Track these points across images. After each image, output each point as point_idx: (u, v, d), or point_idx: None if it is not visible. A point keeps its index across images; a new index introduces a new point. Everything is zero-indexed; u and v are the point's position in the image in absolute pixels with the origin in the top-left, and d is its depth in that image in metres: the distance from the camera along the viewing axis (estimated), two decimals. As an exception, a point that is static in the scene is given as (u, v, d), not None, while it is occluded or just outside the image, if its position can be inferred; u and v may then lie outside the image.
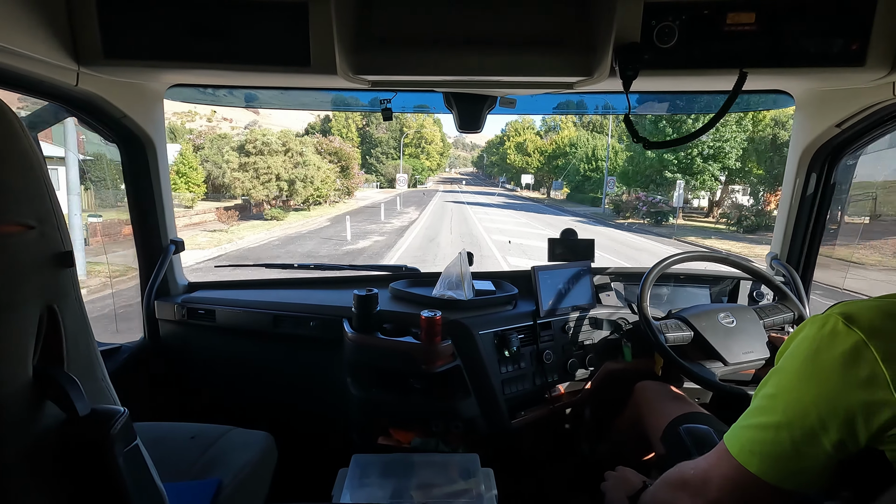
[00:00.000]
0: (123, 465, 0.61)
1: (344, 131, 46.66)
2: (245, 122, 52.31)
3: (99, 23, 1.07)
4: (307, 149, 21.88)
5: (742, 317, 1.47)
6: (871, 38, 1.00)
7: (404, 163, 52.57)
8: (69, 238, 0.65)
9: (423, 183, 56.90)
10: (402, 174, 45.90)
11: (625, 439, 1.49)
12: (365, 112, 29.61)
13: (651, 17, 1.02)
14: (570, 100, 1.81)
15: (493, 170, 76.57)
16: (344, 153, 26.44)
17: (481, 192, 52.37)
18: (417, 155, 57.28)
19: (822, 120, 1.44)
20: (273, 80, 1.38)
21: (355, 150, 36.04)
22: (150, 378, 1.74)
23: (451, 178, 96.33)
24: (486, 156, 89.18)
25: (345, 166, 26.31)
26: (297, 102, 1.73)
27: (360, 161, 44.97)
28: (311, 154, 21.89)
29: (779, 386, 0.65)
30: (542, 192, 47.35)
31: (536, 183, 47.56)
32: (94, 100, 1.31)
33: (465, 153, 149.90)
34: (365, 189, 39.01)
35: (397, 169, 48.66)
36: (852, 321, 0.58)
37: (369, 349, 1.47)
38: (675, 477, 0.79)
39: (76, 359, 0.64)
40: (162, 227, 1.68)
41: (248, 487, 1.17)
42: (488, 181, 79.62)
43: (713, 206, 24.02)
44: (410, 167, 52.21)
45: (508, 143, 50.21)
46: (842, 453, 0.59)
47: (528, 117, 57.38)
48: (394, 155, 52.16)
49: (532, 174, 46.61)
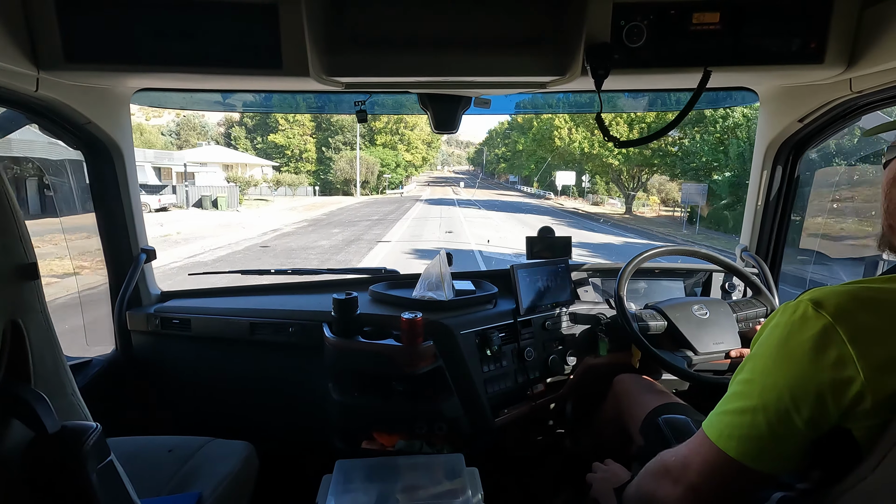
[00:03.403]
0: (97, 482, 0.59)
1: (290, 116, 38.18)
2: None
3: (59, 25, 1.03)
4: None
5: (716, 310, 1.52)
6: (829, 38, 1.05)
7: (368, 156, 37.94)
8: (33, 249, 0.63)
9: (397, 185, 41.43)
10: (394, 177, 36.92)
11: (606, 432, 1.52)
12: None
13: (620, 17, 1.04)
14: (540, 99, 1.83)
15: (496, 167, 62.06)
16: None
17: (494, 200, 33.09)
18: (394, 145, 41.53)
19: (785, 115, 1.50)
20: (244, 84, 1.35)
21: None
22: (124, 391, 1.69)
23: (444, 177, 78.25)
24: (486, 150, 72.89)
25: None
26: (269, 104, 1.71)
27: (315, 153, 38.61)
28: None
29: (753, 371, 0.67)
30: (588, 200, 31.57)
31: (577, 186, 31.13)
32: (55, 106, 1.26)
33: (460, 150, 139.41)
34: (273, 198, 30.41)
35: (352, 165, 35.74)
36: (821, 306, 0.61)
37: (350, 353, 1.45)
38: (657, 465, 0.81)
39: (43, 374, 0.61)
40: (132, 236, 1.63)
41: (229, 499, 1.15)
42: (491, 181, 65.24)
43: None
44: (377, 161, 38.15)
45: (538, 124, 29.00)
46: (815, 431, 0.61)
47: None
48: (362, 145, 38.92)
49: (573, 171, 29.35)
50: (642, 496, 0.83)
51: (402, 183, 43.72)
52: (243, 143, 44.03)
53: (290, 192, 34.14)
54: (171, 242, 12.61)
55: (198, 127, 49.14)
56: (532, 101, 1.87)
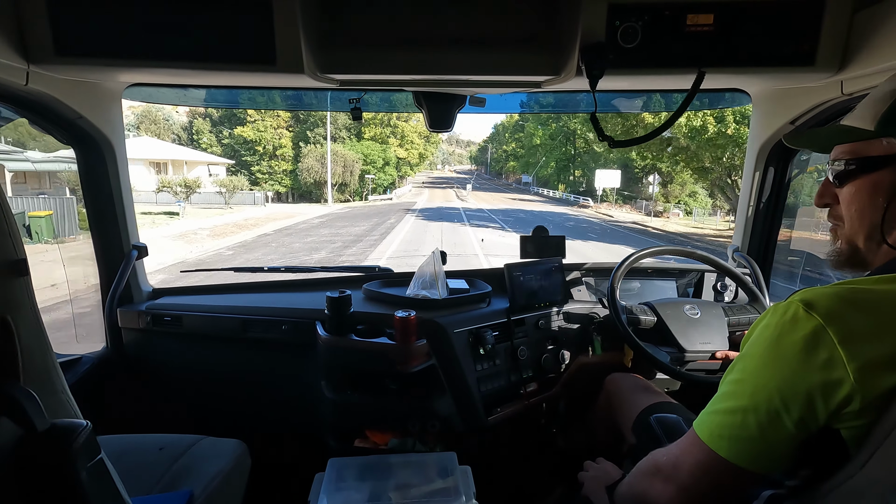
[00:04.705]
0: (87, 480, 0.58)
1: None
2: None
3: (49, 19, 1.02)
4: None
5: (708, 311, 1.54)
6: (820, 41, 1.06)
7: (348, 151, 30.82)
8: (22, 245, 0.62)
9: (384, 189, 33.94)
10: (381, 178, 28.59)
11: (598, 431, 1.52)
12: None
13: (615, 17, 1.05)
14: (537, 99, 1.83)
15: (504, 165, 53.56)
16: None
17: (517, 210, 25.06)
18: (385, 138, 34.97)
19: (777, 117, 1.51)
20: (237, 80, 1.34)
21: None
22: (114, 389, 1.68)
23: (445, 177, 67.03)
24: (492, 146, 63.45)
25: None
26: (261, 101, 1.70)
27: (293, 149, 32.06)
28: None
29: (744, 371, 0.67)
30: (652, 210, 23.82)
31: (630, 192, 23.33)
32: (45, 100, 1.25)
33: (461, 150, 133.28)
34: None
35: (322, 162, 28.80)
36: (812, 307, 0.61)
37: (343, 351, 1.45)
38: (649, 465, 0.81)
39: (32, 372, 0.61)
40: (123, 232, 1.61)
41: (221, 497, 1.15)
42: (497, 181, 57.43)
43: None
44: (359, 158, 30.53)
45: (565, 117, 23.26)
46: (803, 432, 0.62)
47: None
48: (347, 139, 32.48)
49: (617, 170, 23.22)
50: (634, 495, 0.84)
51: (395, 184, 36.59)
52: (207, 139, 35.86)
53: (226, 200, 24.78)
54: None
55: (160, 120, 40.02)
56: (527, 101, 1.87)
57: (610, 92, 1.58)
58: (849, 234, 0.72)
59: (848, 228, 0.72)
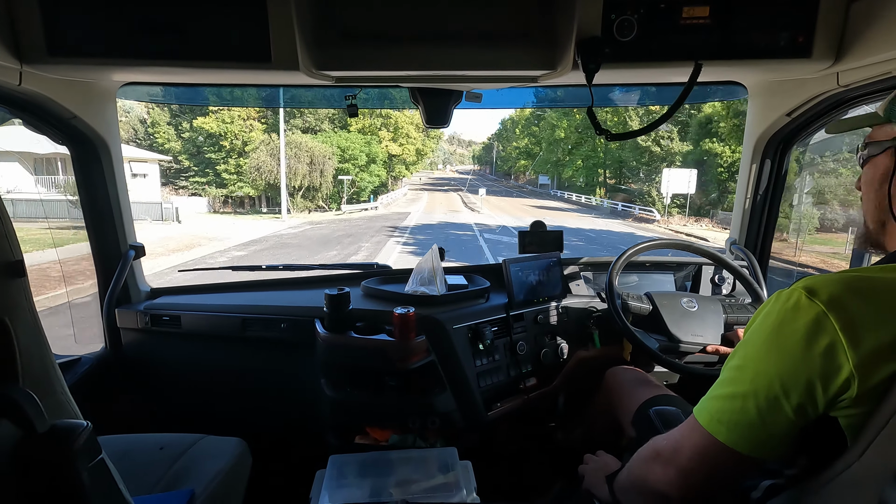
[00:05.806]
0: (88, 480, 0.58)
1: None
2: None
3: (42, 18, 1.01)
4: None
5: (706, 306, 1.54)
6: (816, 32, 1.06)
7: (319, 143, 24.60)
8: (18, 246, 0.62)
9: (370, 194, 27.25)
10: (362, 179, 22.03)
11: (598, 424, 1.53)
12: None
13: (611, 10, 1.04)
14: (534, 94, 1.83)
15: (514, 164, 46.19)
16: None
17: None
18: (375, 130, 28.75)
19: (773, 109, 1.51)
20: (233, 77, 1.34)
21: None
22: (114, 389, 1.68)
23: (446, 178, 57.61)
24: (498, 144, 55.36)
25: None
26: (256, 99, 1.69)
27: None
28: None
29: (745, 357, 0.68)
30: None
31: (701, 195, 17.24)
32: (39, 100, 1.24)
33: (463, 150, 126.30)
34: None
35: (278, 158, 22.11)
36: (814, 294, 0.61)
37: (343, 349, 1.45)
38: (649, 450, 0.81)
39: (31, 373, 0.61)
40: (120, 232, 1.61)
41: (222, 496, 1.15)
42: (506, 182, 50.03)
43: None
44: (333, 152, 24.38)
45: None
46: (803, 419, 0.62)
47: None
48: (331, 131, 26.02)
49: (693, 169, 17.58)
50: (634, 480, 0.84)
51: (387, 186, 30.08)
52: (164, 133, 27.76)
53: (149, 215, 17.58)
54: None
55: (118, 110, 34.83)
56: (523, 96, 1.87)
57: (607, 86, 1.58)
58: (864, 215, 0.77)
59: (864, 210, 0.77)
